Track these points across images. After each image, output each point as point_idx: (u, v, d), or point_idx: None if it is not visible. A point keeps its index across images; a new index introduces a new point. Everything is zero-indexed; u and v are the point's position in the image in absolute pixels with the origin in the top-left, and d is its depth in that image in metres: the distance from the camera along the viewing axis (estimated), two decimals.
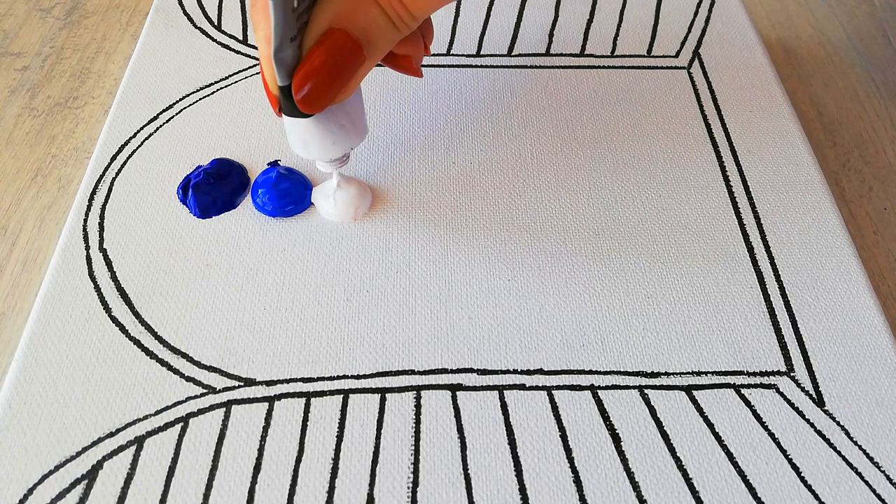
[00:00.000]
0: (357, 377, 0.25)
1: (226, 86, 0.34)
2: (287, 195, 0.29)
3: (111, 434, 0.23)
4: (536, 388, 0.25)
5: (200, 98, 0.33)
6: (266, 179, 0.29)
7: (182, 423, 0.24)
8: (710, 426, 0.24)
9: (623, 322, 0.26)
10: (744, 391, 0.25)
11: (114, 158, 0.31)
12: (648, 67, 0.36)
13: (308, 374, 0.25)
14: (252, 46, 0.36)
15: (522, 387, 0.25)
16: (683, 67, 0.36)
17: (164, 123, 0.32)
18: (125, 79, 0.34)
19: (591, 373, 0.25)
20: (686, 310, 0.27)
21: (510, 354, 0.25)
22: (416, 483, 0.23)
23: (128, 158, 0.31)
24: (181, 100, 0.33)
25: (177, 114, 0.33)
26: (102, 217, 0.29)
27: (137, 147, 0.31)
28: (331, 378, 0.25)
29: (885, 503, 0.22)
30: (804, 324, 0.27)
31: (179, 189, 0.30)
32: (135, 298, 0.26)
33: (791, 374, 0.25)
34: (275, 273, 0.27)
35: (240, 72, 0.34)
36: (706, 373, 0.25)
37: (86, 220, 0.29)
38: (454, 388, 0.25)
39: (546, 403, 0.24)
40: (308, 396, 0.24)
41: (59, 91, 0.37)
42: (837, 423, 0.24)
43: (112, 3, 0.42)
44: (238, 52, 0.35)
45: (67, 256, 0.27)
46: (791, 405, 0.25)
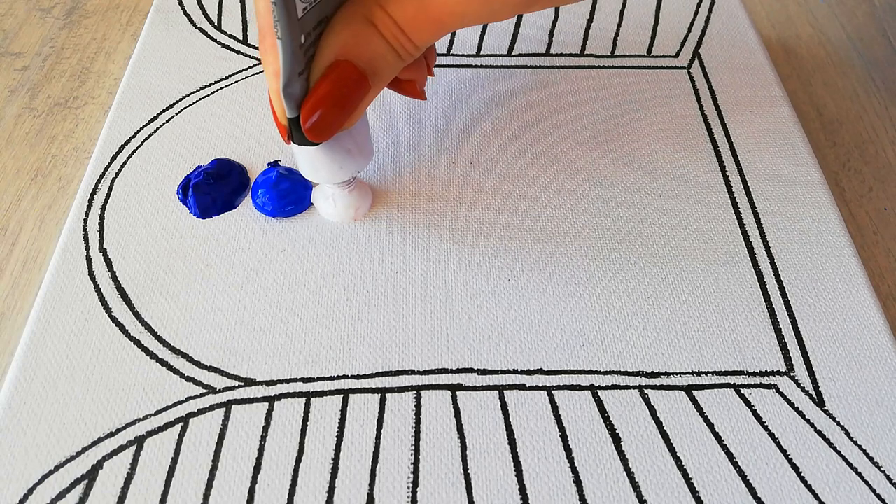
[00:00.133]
0: (357, 377, 0.25)
1: (226, 86, 0.34)
2: (287, 195, 0.29)
3: (111, 434, 0.23)
4: (536, 388, 0.25)
5: (200, 98, 0.33)
6: (266, 179, 0.29)
7: (182, 423, 0.24)
8: (710, 426, 0.24)
9: (623, 322, 0.26)
10: (744, 391, 0.25)
11: (114, 158, 0.31)
12: (648, 67, 0.36)
13: (308, 374, 0.25)
14: (252, 46, 0.36)
15: (522, 387, 0.25)
16: (683, 67, 0.36)
17: (164, 123, 0.32)
18: (125, 79, 0.34)
19: (591, 373, 0.25)
20: (686, 310, 0.27)
21: (510, 354, 0.25)
22: (416, 483, 0.23)
23: (128, 158, 0.31)
24: (181, 100, 0.33)
25: (177, 114, 0.33)
26: (102, 217, 0.29)
27: (137, 147, 0.31)
28: (331, 378, 0.25)
29: (885, 503, 0.22)
30: (804, 324, 0.27)
31: (179, 189, 0.30)
32: (135, 298, 0.26)
33: (791, 374, 0.25)
34: (275, 273, 0.27)
35: (240, 72, 0.34)
36: (706, 373, 0.25)
37: (86, 220, 0.29)
38: (454, 388, 0.25)
39: (546, 403, 0.24)
40: (308, 396, 0.24)
41: (59, 91, 0.37)
42: (837, 423, 0.24)
43: (112, 3, 0.42)
44: (238, 52, 0.35)
45: (67, 256, 0.27)
46: (791, 405, 0.25)
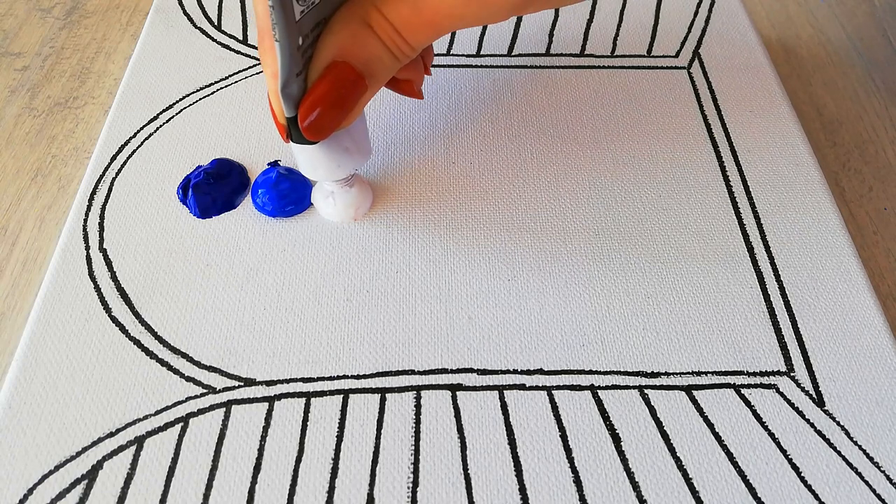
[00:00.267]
0: (357, 377, 0.25)
1: (226, 86, 0.34)
2: (287, 195, 0.29)
3: (111, 434, 0.23)
4: (536, 388, 0.25)
5: (200, 98, 0.33)
6: (266, 180, 0.29)
7: (182, 423, 0.24)
8: (710, 426, 0.24)
9: (623, 322, 0.26)
10: (744, 391, 0.25)
11: (114, 158, 0.31)
12: (648, 67, 0.36)
13: (308, 374, 0.25)
14: (252, 46, 0.36)
15: (522, 387, 0.25)
16: (683, 67, 0.36)
17: (164, 123, 0.32)
18: (125, 79, 0.34)
19: (591, 373, 0.25)
20: (686, 310, 0.27)
21: (510, 354, 0.25)
22: (416, 483, 0.23)
23: (128, 158, 0.31)
24: (181, 100, 0.33)
25: (177, 114, 0.33)
26: (102, 217, 0.29)
27: (137, 147, 0.31)
28: (331, 378, 0.25)
29: (885, 503, 0.22)
30: (804, 324, 0.27)
31: (179, 189, 0.30)
32: (135, 298, 0.26)
33: (791, 374, 0.25)
34: (275, 273, 0.27)
35: (240, 72, 0.34)
36: (706, 373, 0.25)
37: (86, 220, 0.29)
38: (454, 388, 0.25)
39: (546, 403, 0.24)
40: (308, 396, 0.24)
41: (59, 91, 0.37)
42: (837, 423, 0.24)
43: (112, 3, 0.42)
44: (238, 52, 0.35)
45: (67, 256, 0.27)
46: (791, 405, 0.25)
